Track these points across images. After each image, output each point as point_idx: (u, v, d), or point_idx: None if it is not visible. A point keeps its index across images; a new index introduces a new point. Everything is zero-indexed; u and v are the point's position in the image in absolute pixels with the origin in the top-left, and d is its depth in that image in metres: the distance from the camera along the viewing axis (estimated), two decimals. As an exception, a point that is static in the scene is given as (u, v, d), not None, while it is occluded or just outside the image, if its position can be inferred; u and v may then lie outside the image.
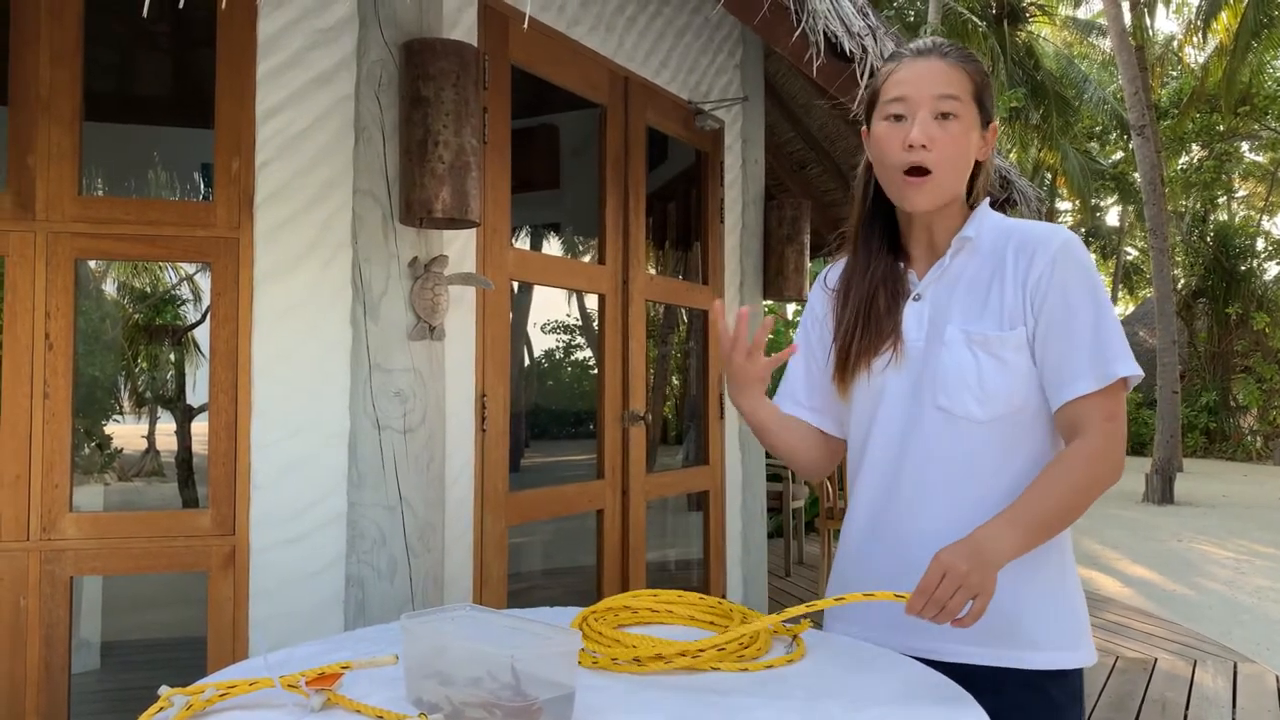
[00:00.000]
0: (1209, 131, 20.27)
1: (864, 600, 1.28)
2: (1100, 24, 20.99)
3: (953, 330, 1.35)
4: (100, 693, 3.73)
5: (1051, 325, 1.30)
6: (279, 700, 1.13)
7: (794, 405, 1.55)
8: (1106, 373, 1.27)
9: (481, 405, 2.67)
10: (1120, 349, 1.28)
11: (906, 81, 1.34)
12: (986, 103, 1.37)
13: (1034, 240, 1.33)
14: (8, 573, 2.22)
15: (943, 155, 1.32)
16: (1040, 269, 1.31)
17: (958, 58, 1.36)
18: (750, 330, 1.71)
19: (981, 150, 1.39)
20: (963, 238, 1.37)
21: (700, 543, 3.92)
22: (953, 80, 1.33)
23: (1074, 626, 1.37)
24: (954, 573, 1.17)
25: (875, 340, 1.41)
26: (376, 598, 2.30)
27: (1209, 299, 20.59)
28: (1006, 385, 1.32)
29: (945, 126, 1.32)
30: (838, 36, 3.00)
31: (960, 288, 1.37)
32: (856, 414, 1.46)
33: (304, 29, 2.38)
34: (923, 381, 1.37)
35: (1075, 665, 1.35)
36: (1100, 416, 1.27)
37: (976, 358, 1.32)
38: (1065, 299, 1.30)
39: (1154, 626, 5.43)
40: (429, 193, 2.22)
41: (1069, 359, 1.29)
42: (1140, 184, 14.30)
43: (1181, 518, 10.81)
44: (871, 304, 1.42)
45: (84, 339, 2.09)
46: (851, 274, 1.47)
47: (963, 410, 1.33)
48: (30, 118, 2.25)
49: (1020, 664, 1.33)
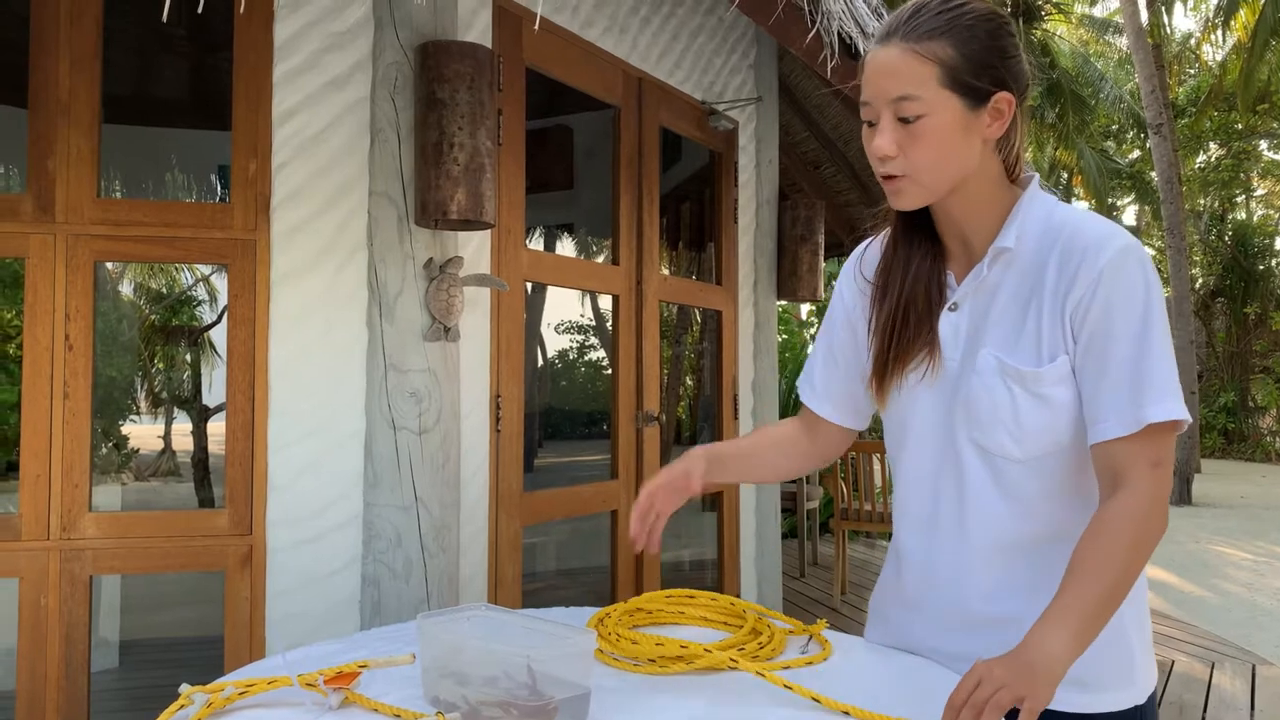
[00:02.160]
0: (1227, 130, 20.11)
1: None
2: (1117, 22, 20.86)
3: (986, 356, 1.19)
4: (119, 691, 3.76)
5: (1089, 353, 1.13)
6: (297, 699, 1.14)
7: (810, 394, 1.44)
8: (1137, 417, 1.09)
9: (496, 406, 2.68)
10: (1162, 388, 1.10)
11: (868, 81, 1.17)
12: (974, 79, 1.13)
13: (1080, 250, 1.14)
14: (29, 572, 2.24)
15: (912, 159, 1.15)
16: (1083, 289, 1.13)
17: (923, 35, 1.12)
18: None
19: (992, 127, 1.16)
20: (999, 248, 1.19)
21: (714, 543, 3.93)
22: (909, 75, 1.12)
23: (1125, 660, 1.22)
24: (990, 679, 0.99)
25: (911, 347, 1.26)
26: (392, 597, 2.31)
27: (1227, 298, 20.43)
28: (1047, 423, 1.16)
29: (910, 129, 1.13)
30: (852, 37, 3.00)
31: (998, 304, 1.21)
32: (891, 423, 1.33)
33: (320, 32, 2.40)
34: (954, 410, 1.23)
35: (1125, 706, 1.21)
36: (1144, 463, 1.10)
37: (1011, 393, 1.17)
38: (1107, 324, 1.12)
39: (1172, 628, 5.39)
40: (444, 194, 2.23)
41: (1101, 395, 1.12)
42: (1157, 183, 14.20)
43: (1200, 519, 10.73)
44: (910, 306, 1.26)
45: (101, 340, 2.12)
46: (890, 267, 1.30)
47: (999, 449, 1.19)
48: (50, 122, 2.27)
49: (1065, 706, 1.19)
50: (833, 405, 1.42)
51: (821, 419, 1.44)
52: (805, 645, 1.37)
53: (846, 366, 1.40)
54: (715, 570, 3.93)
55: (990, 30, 1.15)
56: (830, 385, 1.42)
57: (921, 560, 1.31)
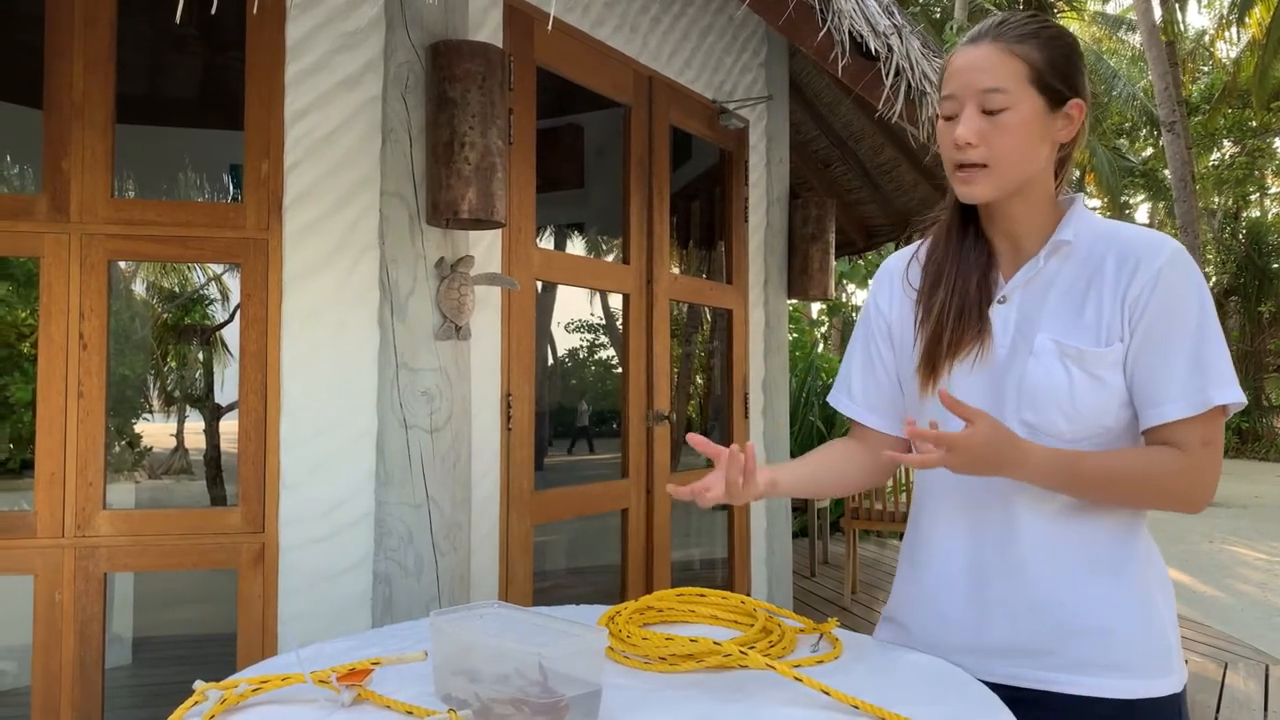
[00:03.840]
0: (1241, 127, 19.99)
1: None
2: (1130, 19, 20.75)
3: (1044, 340, 1.25)
4: (133, 687, 3.79)
5: (1149, 341, 1.21)
6: (310, 695, 1.15)
7: (848, 402, 1.47)
8: (1203, 399, 1.18)
9: (507, 404, 2.69)
10: (1223, 374, 1.19)
11: (955, 75, 1.26)
12: (1056, 82, 1.24)
13: (1138, 250, 1.23)
14: (44, 569, 2.26)
15: (995, 149, 1.23)
16: (1143, 283, 1.21)
17: (1013, 39, 1.24)
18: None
19: (1063, 131, 1.27)
20: (1059, 240, 1.27)
21: (725, 542, 3.93)
22: (1000, 70, 1.22)
23: (1165, 647, 1.26)
24: (959, 449, 1.12)
25: (964, 337, 1.30)
26: (404, 595, 2.32)
27: (1241, 297, 20.30)
28: (1099, 404, 1.23)
29: (994, 120, 1.23)
30: (863, 35, 2.99)
31: (1054, 294, 1.27)
32: (928, 416, 1.34)
33: (331, 32, 2.41)
34: (1005, 392, 1.27)
35: (1166, 692, 1.24)
36: (1197, 441, 1.19)
37: (1069, 372, 1.23)
38: (1167, 315, 1.20)
39: (1185, 629, 5.37)
40: (455, 194, 2.23)
41: (1163, 380, 1.20)
42: (1170, 181, 14.12)
43: (1213, 519, 10.67)
44: (965, 297, 1.31)
45: (115, 339, 2.14)
46: (943, 263, 1.36)
47: (1050, 427, 1.24)
48: (64, 123, 2.29)
49: (1109, 693, 1.23)
50: (877, 414, 1.45)
51: (870, 430, 1.46)
52: (816, 644, 1.37)
53: (887, 374, 1.43)
54: (725, 569, 3.93)
55: (1068, 44, 1.27)
56: (870, 394, 1.45)
57: (963, 548, 1.32)
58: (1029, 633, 1.26)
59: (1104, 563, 1.25)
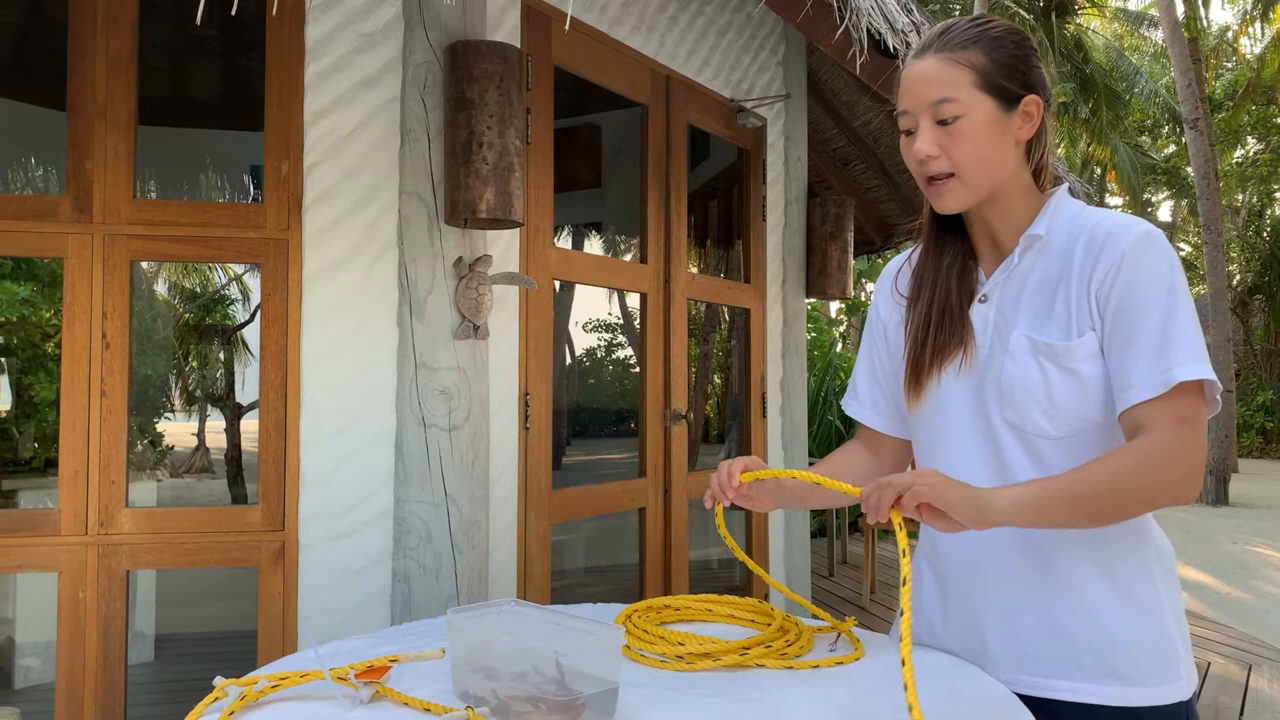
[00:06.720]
0: (1265, 124, 19.75)
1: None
2: (1152, 15, 20.56)
3: (1018, 337, 1.25)
4: (155, 684, 3.82)
5: (1117, 326, 1.18)
6: (329, 692, 1.15)
7: (857, 407, 1.50)
8: (1166, 378, 1.13)
9: (524, 403, 2.70)
10: (1188, 352, 1.14)
11: (906, 91, 1.26)
12: (1005, 81, 1.23)
13: (1104, 235, 1.21)
14: (68, 566, 2.29)
15: (956, 157, 1.23)
16: (1107, 267, 1.19)
17: (956, 46, 1.23)
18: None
19: (1023, 129, 1.25)
20: (1031, 235, 1.26)
21: (743, 542, 3.92)
22: (946, 80, 1.22)
23: (1169, 653, 1.23)
24: (917, 482, 1.09)
25: (948, 343, 1.31)
26: (422, 593, 2.33)
27: (1265, 295, 20.06)
28: (1078, 399, 1.21)
29: (950, 130, 1.22)
30: (881, 33, 2.98)
31: (1028, 290, 1.27)
32: (922, 421, 1.36)
33: (350, 33, 2.42)
34: (986, 392, 1.27)
35: (1172, 700, 1.22)
36: (1167, 419, 1.13)
37: (1043, 369, 1.22)
38: (1133, 298, 1.17)
39: (1208, 630, 5.31)
40: (473, 193, 2.24)
41: (1130, 362, 1.17)
42: (1193, 178, 13.98)
43: (1237, 520, 10.56)
44: (945, 303, 1.32)
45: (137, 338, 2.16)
46: (924, 270, 1.37)
47: (1032, 426, 1.23)
48: (88, 124, 2.31)
49: (1111, 700, 1.21)
50: (881, 416, 1.48)
51: (876, 432, 1.49)
52: (834, 643, 1.37)
53: (887, 377, 1.46)
54: (743, 568, 3.92)
55: (1015, 41, 1.26)
56: (875, 397, 1.48)
57: (965, 552, 1.32)
58: (1030, 639, 1.25)
59: (1107, 568, 1.23)
